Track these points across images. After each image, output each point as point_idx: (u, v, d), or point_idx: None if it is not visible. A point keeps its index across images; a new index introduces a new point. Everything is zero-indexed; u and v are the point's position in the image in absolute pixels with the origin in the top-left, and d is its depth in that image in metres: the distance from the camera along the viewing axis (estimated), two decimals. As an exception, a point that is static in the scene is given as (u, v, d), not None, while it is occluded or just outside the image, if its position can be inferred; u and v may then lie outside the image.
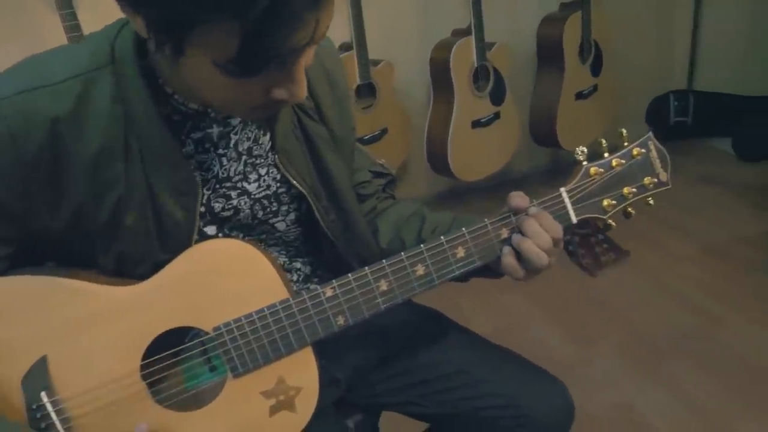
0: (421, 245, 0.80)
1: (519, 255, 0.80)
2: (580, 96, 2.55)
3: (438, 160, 2.42)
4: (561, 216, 0.82)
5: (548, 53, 2.50)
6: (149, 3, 0.57)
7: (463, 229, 0.80)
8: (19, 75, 0.70)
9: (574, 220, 0.83)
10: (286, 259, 0.92)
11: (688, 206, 2.52)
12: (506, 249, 0.81)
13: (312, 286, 0.93)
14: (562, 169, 2.99)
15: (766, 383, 1.67)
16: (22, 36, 2.08)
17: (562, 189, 0.83)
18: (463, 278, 0.85)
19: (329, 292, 0.78)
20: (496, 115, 2.44)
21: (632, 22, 2.87)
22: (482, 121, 2.41)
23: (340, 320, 0.78)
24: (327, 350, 0.85)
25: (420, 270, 0.80)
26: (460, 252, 0.80)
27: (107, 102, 0.70)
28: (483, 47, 2.33)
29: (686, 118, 2.96)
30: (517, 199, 0.81)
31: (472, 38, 2.30)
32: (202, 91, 0.68)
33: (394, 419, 1.06)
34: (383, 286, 0.79)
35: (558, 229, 0.80)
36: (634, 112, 3.00)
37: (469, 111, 2.37)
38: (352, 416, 0.99)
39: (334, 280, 0.78)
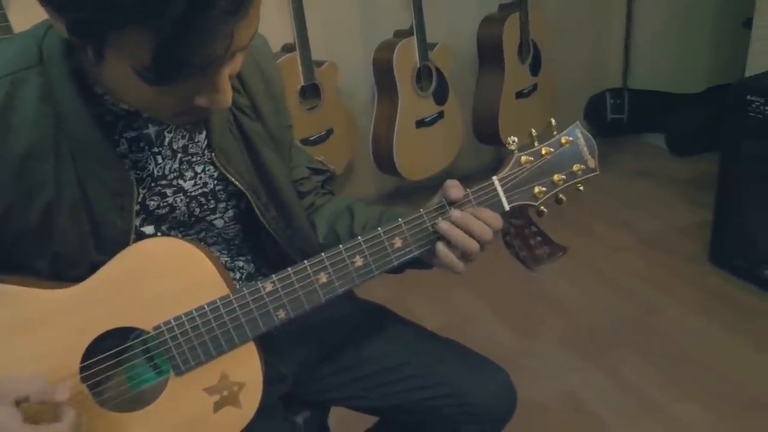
0: (359, 237, 0.81)
1: (449, 242, 0.81)
2: (520, 95, 2.61)
3: (384, 160, 2.45)
4: (494, 204, 0.84)
5: (488, 53, 2.56)
6: (67, 6, 0.56)
7: (399, 219, 0.82)
8: None
9: (507, 207, 0.85)
10: (228, 258, 0.91)
11: (625, 199, 2.62)
12: (441, 244, 0.82)
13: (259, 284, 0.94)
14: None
15: (702, 367, 1.75)
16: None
17: (494, 177, 0.85)
18: (399, 269, 0.86)
19: (269, 287, 0.78)
20: (440, 115, 2.48)
21: (569, 23, 2.96)
22: (426, 120, 2.44)
23: (281, 314, 0.79)
24: (273, 346, 0.86)
25: (359, 261, 0.81)
26: (398, 242, 0.82)
27: (35, 102, 0.69)
28: (425, 47, 2.36)
29: (622, 116, 3.08)
30: (453, 189, 0.82)
31: (414, 39, 2.34)
32: (125, 94, 0.68)
33: (344, 416, 1.07)
34: (323, 278, 0.80)
35: (496, 221, 0.82)
36: (573, 110, 3.10)
37: (412, 111, 2.40)
38: (301, 413, 0.99)
39: (273, 275, 0.78)
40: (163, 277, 0.76)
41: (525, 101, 2.64)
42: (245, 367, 0.79)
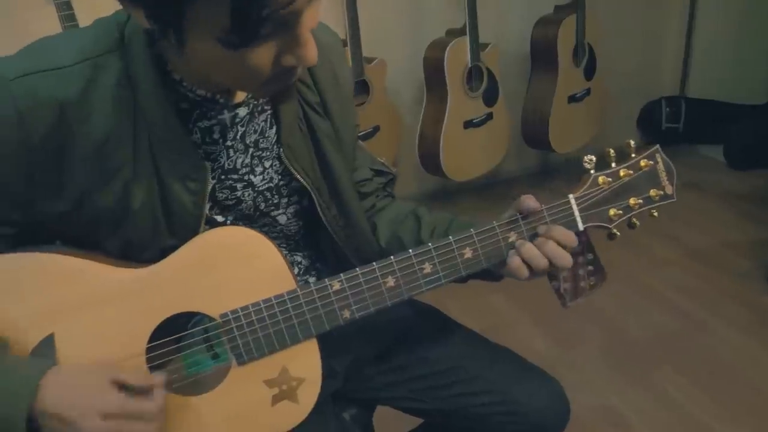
0: (429, 244, 0.81)
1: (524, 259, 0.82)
2: (573, 99, 2.58)
3: (429, 159, 2.44)
4: (568, 223, 0.84)
5: (542, 55, 2.52)
6: None
7: (471, 230, 0.82)
8: (29, 57, 0.69)
9: (581, 227, 0.85)
10: (287, 252, 0.92)
11: (675, 212, 2.55)
12: (513, 252, 0.82)
13: (310, 280, 0.94)
14: (550, 171, 3.03)
15: (751, 390, 1.70)
16: (15, 26, 2.05)
17: (571, 196, 0.84)
18: (463, 279, 0.86)
19: (336, 285, 0.78)
20: (489, 116, 2.46)
21: (626, 26, 2.91)
22: (474, 121, 2.43)
23: (346, 314, 0.79)
24: (326, 342, 0.86)
25: (427, 268, 0.81)
26: (468, 253, 0.82)
27: (115, 87, 0.70)
28: (477, 48, 2.34)
29: (677, 125, 3.00)
30: (527, 202, 0.82)
31: (467, 38, 2.32)
32: (213, 74, 0.68)
33: (387, 415, 1.06)
34: (390, 282, 0.80)
35: (572, 239, 0.82)
36: (625, 117, 3.04)
37: (461, 111, 2.38)
38: (348, 410, 0.99)
39: (341, 274, 0.79)
40: (233, 265, 0.76)
41: (577, 106, 2.60)
42: (305, 363, 0.80)
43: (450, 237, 0.81)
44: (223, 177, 0.80)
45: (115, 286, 0.74)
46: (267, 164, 0.83)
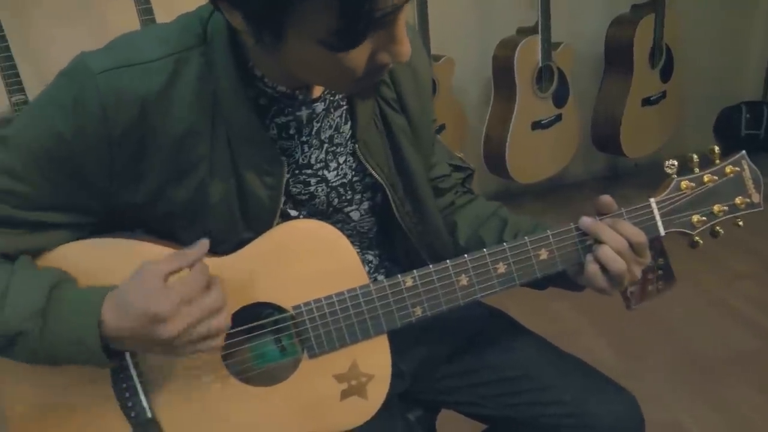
0: (504, 243, 0.79)
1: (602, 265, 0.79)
2: (647, 102, 2.48)
3: (494, 160, 2.40)
4: (648, 227, 0.81)
5: (617, 55, 2.44)
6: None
7: (548, 231, 0.79)
8: (115, 52, 0.71)
9: (662, 232, 0.82)
10: (359, 251, 0.91)
11: (752, 223, 2.42)
12: (590, 256, 0.79)
13: (380, 278, 0.94)
14: (619, 176, 2.93)
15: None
16: (92, 18, 2.13)
17: (652, 199, 0.81)
18: (542, 285, 0.84)
19: (409, 282, 0.77)
20: (558, 117, 2.40)
21: (707, 27, 2.78)
22: (543, 122, 2.37)
23: (418, 311, 0.78)
24: (394, 342, 0.85)
25: (501, 268, 0.79)
26: (543, 254, 0.79)
27: (196, 82, 0.70)
28: (549, 47, 2.29)
29: (759, 131, 2.85)
30: (606, 203, 0.79)
31: (538, 37, 2.27)
32: (303, 73, 0.68)
33: (450, 418, 1.05)
34: (463, 280, 0.78)
35: (638, 233, 0.78)
36: (701, 122, 2.91)
37: (530, 111, 2.33)
38: (413, 411, 0.98)
39: (414, 270, 0.78)
40: (307, 258, 0.76)
41: (651, 109, 2.50)
42: (376, 359, 0.79)
43: (525, 238, 0.79)
44: (297, 172, 0.80)
45: None
46: (341, 160, 0.82)
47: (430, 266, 0.78)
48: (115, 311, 0.67)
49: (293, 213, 0.82)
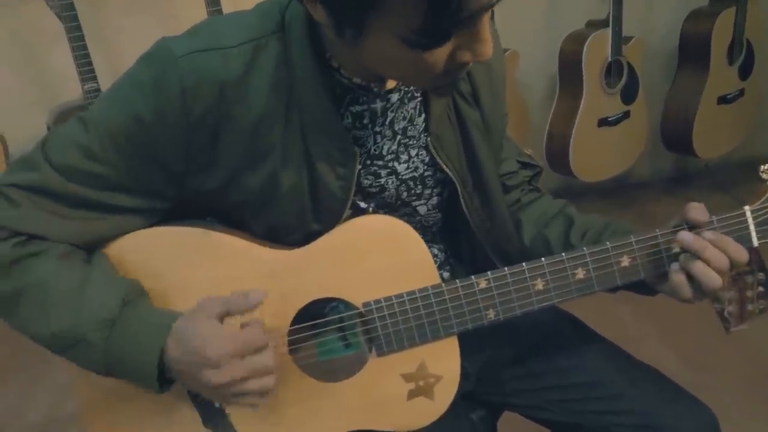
0: (584, 248, 0.76)
1: (690, 275, 0.75)
2: (723, 100, 2.37)
3: (557, 157, 2.33)
4: (741, 237, 0.76)
5: (692, 51, 2.33)
6: None
7: (631, 237, 0.76)
8: (195, 37, 0.71)
9: (756, 243, 0.77)
10: (424, 244, 0.90)
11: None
12: (676, 265, 0.75)
13: (444, 275, 0.92)
14: (688, 178, 2.81)
15: None
16: (161, 8, 2.16)
17: (747, 208, 0.77)
18: (613, 288, 0.80)
19: (483, 284, 0.75)
20: (625, 115, 2.32)
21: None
22: (610, 119, 2.29)
23: (491, 314, 0.76)
24: (460, 341, 0.83)
25: (580, 274, 0.76)
26: (625, 261, 0.76)
27: (273, 70, 0.70)
28: (620, 41, 2.20)
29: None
30: (696, 211, 0.75)
31: (609, 31, 2.18)
32: (381, 69, 0.67)
33: (510, 419, 1.02)
34: (539, 285, 0.76)
35: (741, 252, 0.74)
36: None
37: (596, 108, 2.26)
38: (476, 411, 0.96)
39: (489, 272, 0.76)
40: (379, 254, 0.75)
41: (726, 108, 2.38)
42: (445, 360, 0.77)
43: (608, 243, 0.76)
44: (368, 162, 0.79)
45: (264, 266, 0.75)
46: (413, 153, 0.81)
47: (505, 269, 0.76)
48: (176, 343, 0.68)
49: (363, 205, 0.81)
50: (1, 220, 0.71)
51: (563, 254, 0.75)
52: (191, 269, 0.74)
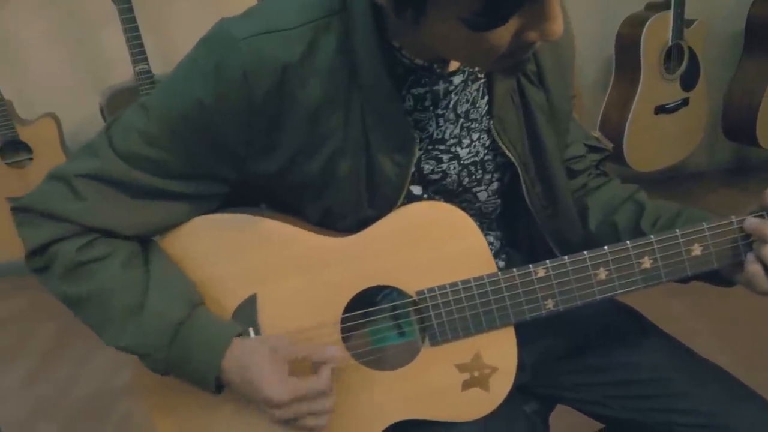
0: (651, 236, 0.72)
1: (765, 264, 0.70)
2: (791, 88, 2.25)
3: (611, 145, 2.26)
4: None
5: (761, 34, 2.22)
6: None
7: (703, 223, 0.71)
8: (255, 19, 0.69)
9: None
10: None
11: None
12: (752, 255, 0.70)
13: (500, 264, 0.89)
14: (748, 169, 2.69)
15: None
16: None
17: None
18: (686, 279, 0.75)
19: (541, 272, 0.72)
20: (684, 102, 2.22)
21: None
22: (668, 106, 2.20)
23: (549, 304, 0.73)
24: (516, 332, 0.80)
25: (646, 263, 0.72)
26: (696, 249, 0.71)
27: (334, 51, 0.68)
28: (681, 24, 2.11)
29: None
30: None
31: (670, 13, 2.09)
32: (443, 50, 0.64)
33: (562, 412, 0.99)
34: (602, 274, 0.72)
35: None
36: None
37: (654, 94, 2.17)
38: (529, 403, 0.93)
39: (547, 261, 0.72)
40: (434, 242, 0.73)
41: (794, 97, 2.27)
42: (501, 351, 0.75)
43: (677, 230, 0.71)
44: (430, 147, 0.76)
45: (318, 253, 0.73)
46: (474, 137, 0.78)
47: (565, 257, 0.72)
48: (234, 367, 0.70)
49: (417, 191, 0.78)
50: (68, 214, 0.71)
51: (627, 242, 0.71)
52: (245, 256, 0.74)
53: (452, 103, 0.75)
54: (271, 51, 0.66)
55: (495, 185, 0.82)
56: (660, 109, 2.20)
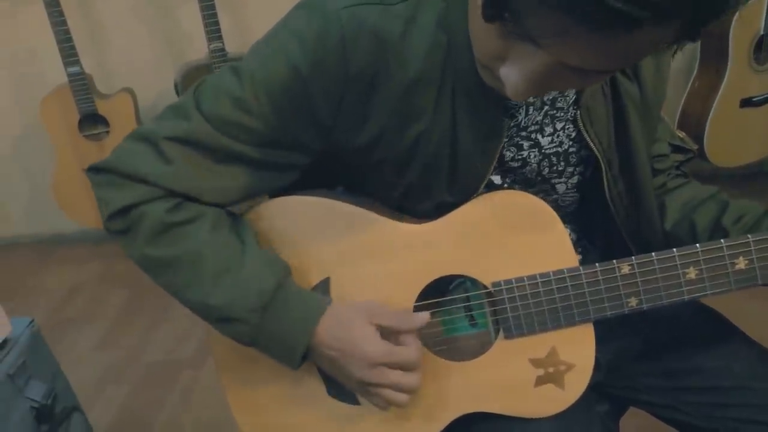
0: (748, 235, 0.68)
1: None
2: None
3: (690, 138, 2.15)
4: None
5: None
6: None
7: None
8: None
9: None
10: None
11: None
12: None
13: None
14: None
15: None
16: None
17: None
18: None
19: (626, 269, 0.69)
20: (773, 95, 2.10)
21: None
22: (755, 99, 2.08)
23: (633, 302, 0.70)
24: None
25: (741, 263, 0.68)
26: None
27: (432, 29, 0.67)
28: (774, 12, 1.98)
29: None
30: None
31: (765, 1, 1.97)
32: (476, 43, 0.61)
33: (629, 414, 0.95)
34: (691, 273, 0.68)
35: None
36: None
37: (740, 86, 2.05)
38: (600, 404, 0.90)
39: (633, 257, 0.69)
40: (514, 233, 0.71)
41: None
42: (578, 348, 0.72)
43: None
44: (514, 135, 0.74)
45: (394, 239, 0.73)
46: (559, 126, 0.75)
47: (652, 254, 0.69)
48: (329, 331, 0.70)
49: (497, 180, 0.76)
50: (155, 177, 0.70)
51: (722, 241, 0.68)
52: (321, 240, 0.73)
53: None
54: (370, 22, 0.65)
55: (575, 179, 0.79)
56: (746, 102, 2.08)
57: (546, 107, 0.73)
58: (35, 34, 2.29)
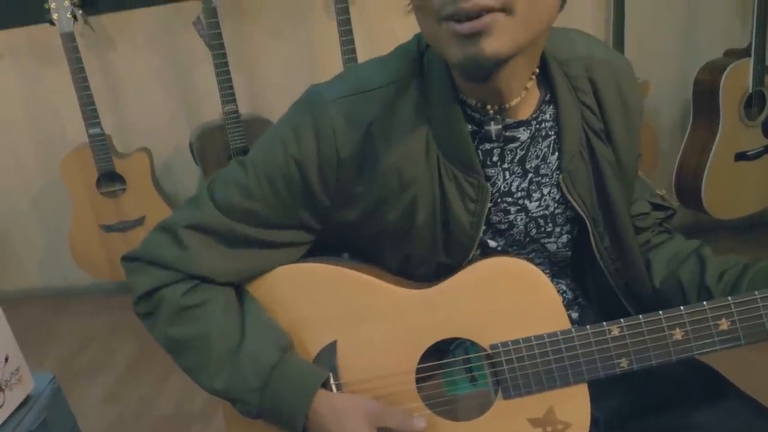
0: (729, 298, 0.72)
1: None
2: None
3: (688, 191, 2.21)
4: None
5: None
6: None
7: None
8: (344, 82, 0.78)
9: None
10: (551, 278, 0.88)
11: None
12: None
13: (573, 315, 0.90)
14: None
15: None
16: (299, 35, 2.30)
17: None
18: None
19: (616, 331, 0.73)
20: (766, 149, 2.16)
21: None
22: (749, 154, 2.15)
23: (624, 363, 0.74)
24: (589, 386, 0.81)
25: (724, 325, 0.72)
26: None
27: (414, 108, 0.75)
28: (762, 71, 2.07)
29: None
30: None
31: (750, 60, 2.06)
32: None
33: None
34: (678, 335, 0.73)
35: None
36: None
37: (734, 141, 2.12)
38: (599, 459, 0.93)
39: (622, 320, 0.74)
40: (508, 297, 0.76)
41: None
42: (574, 407, 0.76)
43: (756, 293, 0.71)
44: (499, 200, 0.80)
45: (396, 303, 0.78)
46: (545, 191, 0.81)
47: (640, 317, 0.73)
48: (327, 414, 0.75)
49: (492, 243, 0.82)
50: (173, 262, 0.78)
51: (705, 303, 0.72)
52: (327, 304, 0.79)
53: (518, 158, 0.79)
54: (357, 110, 0.74)
55: (564, 238, 0.85)
56: (741, 156, 2.14)
57: (530, 175, 0.80)
58: (59, 95, 2.40)
